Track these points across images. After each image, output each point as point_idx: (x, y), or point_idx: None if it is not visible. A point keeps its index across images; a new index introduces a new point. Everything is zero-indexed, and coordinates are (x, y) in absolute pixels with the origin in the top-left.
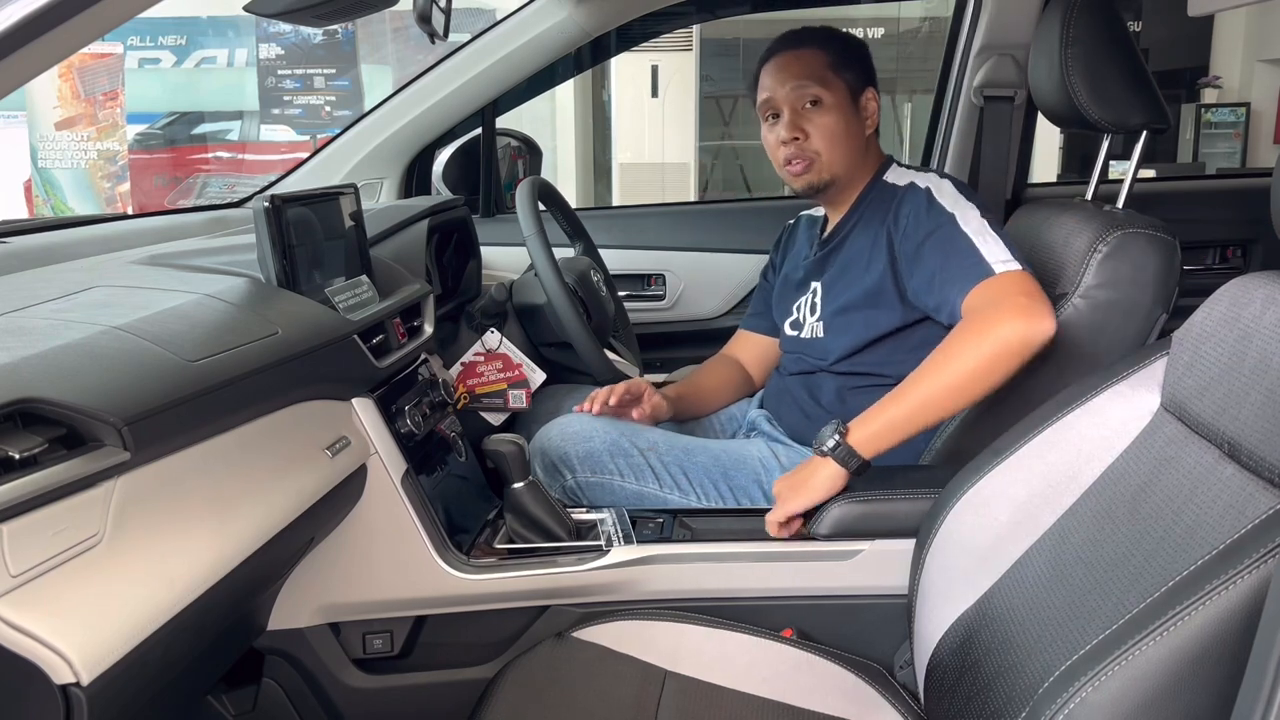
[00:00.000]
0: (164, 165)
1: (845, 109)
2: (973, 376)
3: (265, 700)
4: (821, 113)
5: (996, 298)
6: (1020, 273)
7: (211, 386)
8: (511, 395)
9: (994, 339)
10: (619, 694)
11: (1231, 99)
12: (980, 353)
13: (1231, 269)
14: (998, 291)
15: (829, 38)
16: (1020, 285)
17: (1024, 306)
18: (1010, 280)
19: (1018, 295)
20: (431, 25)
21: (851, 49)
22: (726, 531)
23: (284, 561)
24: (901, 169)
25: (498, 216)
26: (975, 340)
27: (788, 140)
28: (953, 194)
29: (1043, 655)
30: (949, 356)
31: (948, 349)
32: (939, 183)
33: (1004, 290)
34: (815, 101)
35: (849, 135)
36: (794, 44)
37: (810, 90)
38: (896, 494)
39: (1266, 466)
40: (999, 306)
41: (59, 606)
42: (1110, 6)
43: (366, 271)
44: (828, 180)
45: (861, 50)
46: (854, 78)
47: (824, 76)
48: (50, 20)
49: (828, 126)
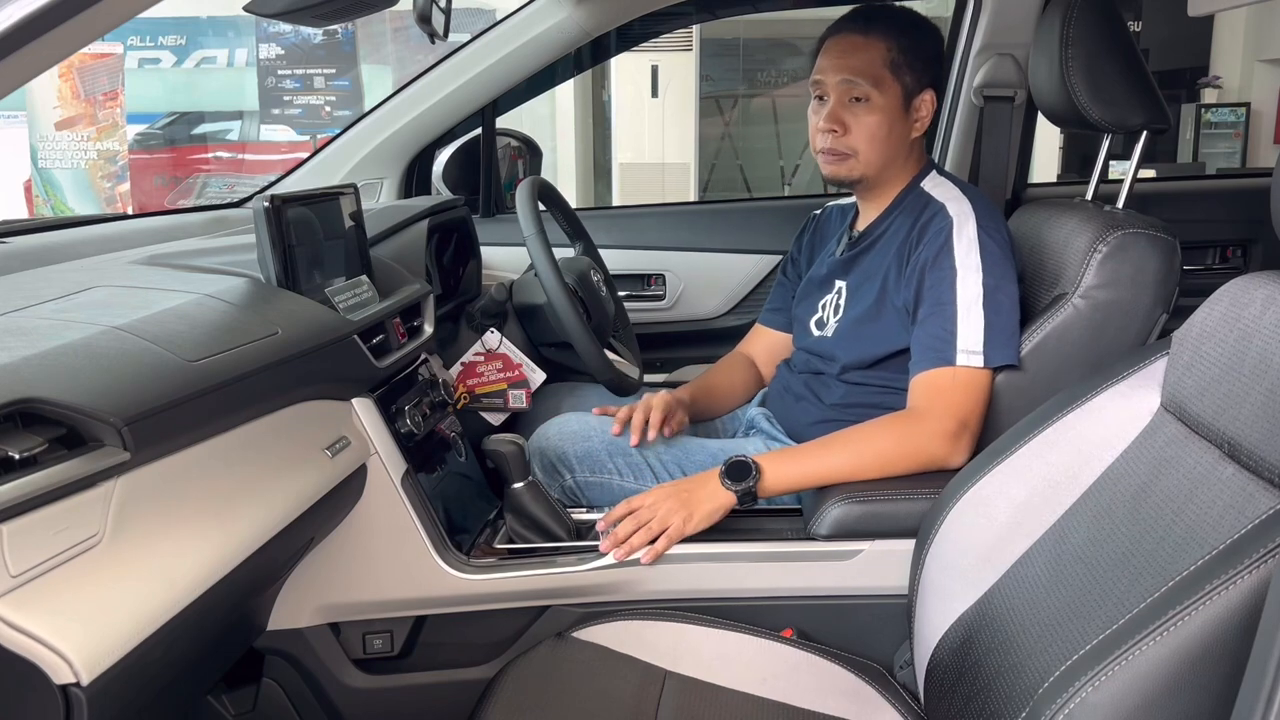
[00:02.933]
0: (164, 165)
1: (894, 111)
2: (884, 469)
3: (265, 700)
4: (867, 111)
5: (936, 405)
6: (973, 374)
7: (211, 386)
8: (511, 395)
9: (916, 453)
10: (619, 694)
11: (1231, 99)
12: (902, 457)
13: (1231, 269)
14: (943, 395)
15: (900, 28)
16: (964, 396)
17: (952, 435)
18: (961, 383)
19: (954, 414)
20: (431, 25)
21: (921, 44)
22: (726, 531)
23: (284, 561)
24: (941, 179)
25: (498, 216)
26: (902, 446)
27: (825, 130)
28: (970, 241)
29: (1043, 655)
30: (874, 445)
31: (875, 438)
32: (965, 218)
33: (949, 398)
34: (863, 98)
35: (891, 138)
36: (861, 27)
37: (859, 87)
38: (896, 494)
39: (1266, 466)
40: (933, 421)
41: (59, 606)
42: (1110, 6)
43: (366, 271)
44: (858, 178)
45: (932, 47)
46: (913, 79)
47: (879, 75)
48: (50, 20)
49: (870, 126)
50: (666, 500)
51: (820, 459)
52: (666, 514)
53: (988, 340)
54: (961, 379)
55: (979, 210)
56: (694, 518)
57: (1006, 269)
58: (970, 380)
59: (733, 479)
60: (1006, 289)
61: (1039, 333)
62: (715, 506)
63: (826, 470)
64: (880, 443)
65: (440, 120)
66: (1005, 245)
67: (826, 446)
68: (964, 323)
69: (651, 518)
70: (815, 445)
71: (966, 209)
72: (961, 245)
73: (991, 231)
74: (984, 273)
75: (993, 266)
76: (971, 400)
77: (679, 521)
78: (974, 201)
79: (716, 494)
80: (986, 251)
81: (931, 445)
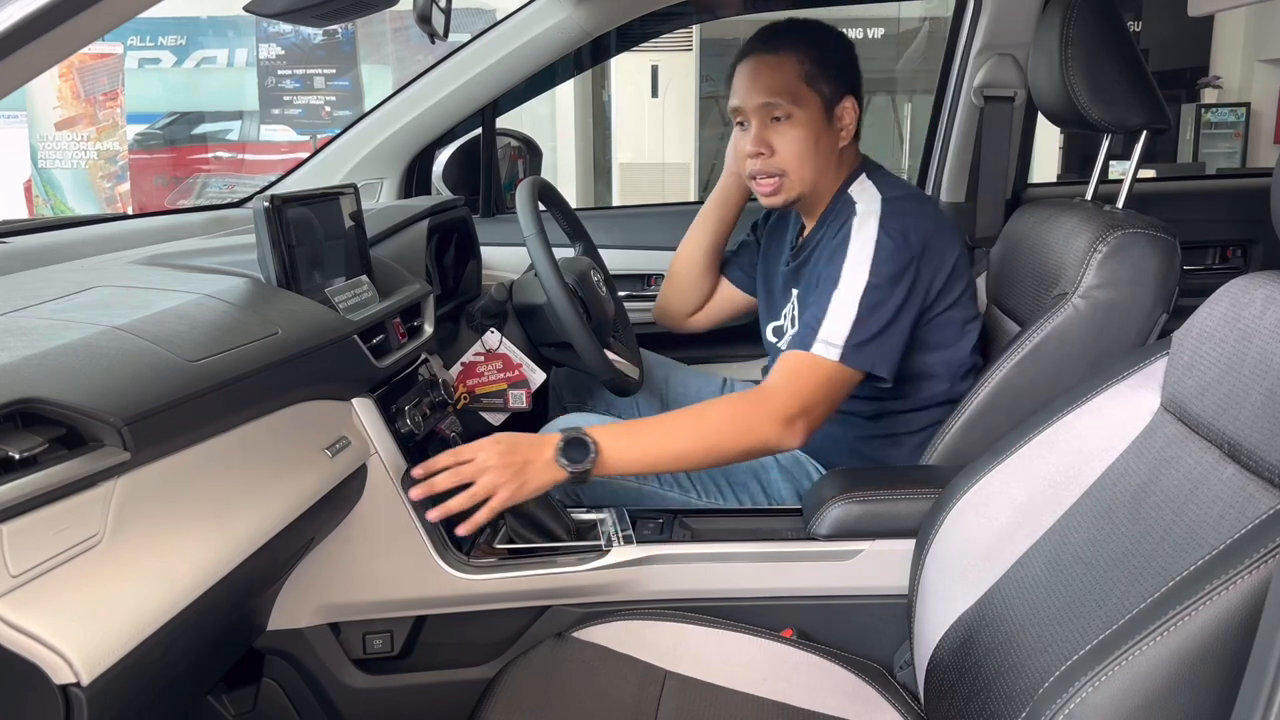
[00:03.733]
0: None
1: (816, 124)
2: (720, 449)
3: (265, 700)
4: (790, 127)
5: (782, 387)
6: (827, 366)
7: (211, 386)
8: (511, 395)
9: (750, 434)
10: (619, 694)
11: (1231, 99)
12: (737, 438)
13: (1231, 269)
14: (792, 379)
15: (809, 42)
16: (810, 384)
17: (786, 420)
18: (811, 371)
19: (797, 400)
20: (431, 25)
21: (832, 54)
22: (726, 531)
23: (284, 561)
24: (867, 182)
25: (498, 216)
26: (738, 426)
27: (753, 154)
28: (867, 238)
29: (1043, 655)
30: (713, 424)
31: (715, 417)
32: (870, 215)
33: (796, 383)
34: (784, 117)
35: (818, 151)
36: (769, 47)
37: (779, 107)
38: (896, 494)
39: (1266, 467)
40: (774, 402)
41: (59, 606)
42: (1110, 6)
43: (366, 271)
44: (795, 199)
45: (844, 54)
46: (831, 89)
47: (795, 91)
48: (50, 20)
49: (795, 143)
50: (498, 464)
51: (659, 439)
52: (494, 481)
53: (851, 337)
54: (811, 367)
55: (887, 210)
56: (522, 491)
57: (896, 273)
58: (821, 371)
59: (569, 457)
60: (889, 291)
61: (1039, 333)
62: (546, 482)
63: (666, 450)
64: (718, 421)
65: (440, 120)
66: (904, 250)
67: (666, 424)
68: (833, 314)
69: (475, 479)
70: (656, 422)
71: (874, 208)
72: (858, 241)
73: (892, 232)
74: (870, 272)
75: (880, 267)
76: (818, 391)
77: (506, 494)
78: (889, 201)
79: (549, 468)
80: (880, 250)
81: (765, 427)
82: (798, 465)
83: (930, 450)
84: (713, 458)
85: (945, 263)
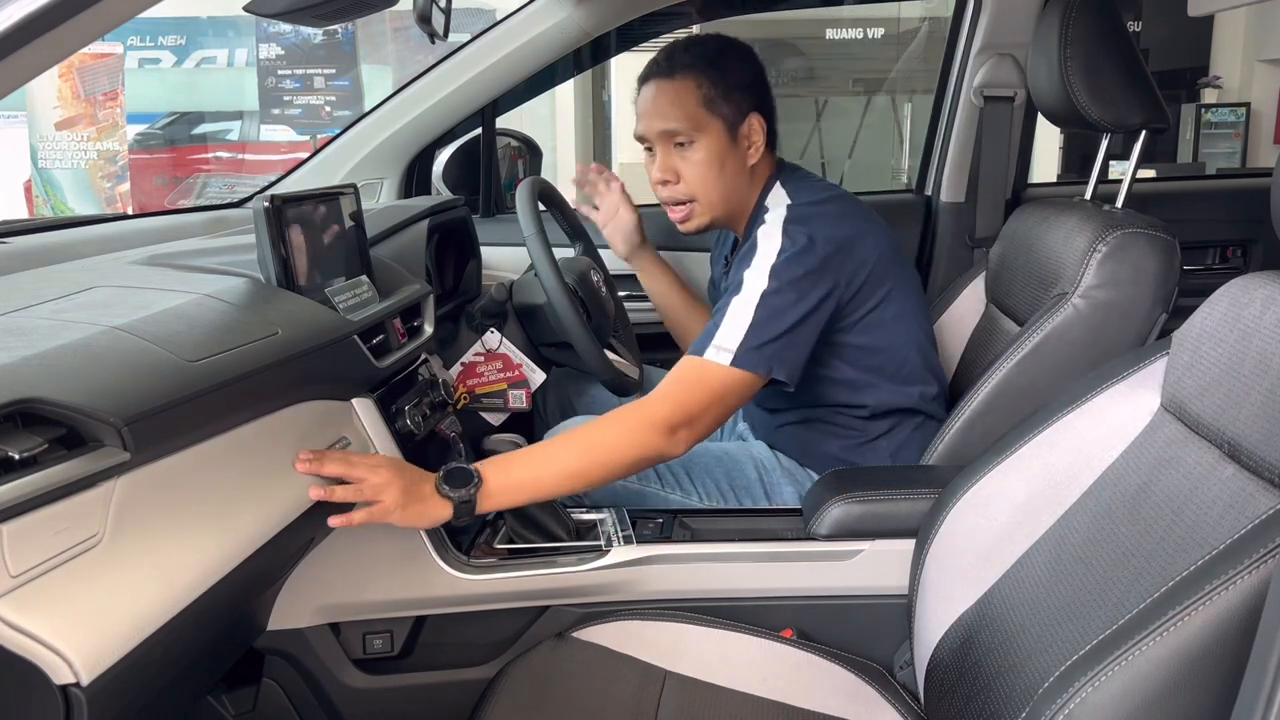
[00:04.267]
0: (164, 165)
1: (720, 146)
2: (608, 464)
3: (265, 700)
4: (693, 153)
5: (669, 393)
6: (717, 371)
7: (211, 386)
8: (511, 395)
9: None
10: (619, 694)
11: (1231, 99)
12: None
13: (1231, 269)
14: (680, 385)
15: (708, 61)
16: (697, 391)
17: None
18: (700, 376)
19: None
20: (431, 25)
21: (733, 73)
22: (726, 531)
23: (284, 561)
24: (778, 191)
25: (498, 216)
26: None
27: (659, 181)
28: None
29: (1043, 655)
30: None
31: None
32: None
33: (683, 389)
34: (687, 142)
35: (725, 173)
36: (666, 72)
37: (679, 135)
38: (896, 494)
39: (1266, 467)
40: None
41: (59, 607)
42: (1110, 6)
43: (366, 271)
44: (708, 223)
45: (746, 72)
46: (732, 110)
47: (695, 116)
48: (50, 20)
49: (700, 168)
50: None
51: (546, 460)
52: (383, 486)
53: (745, 341)
54: (702, 372)
55: (792, 215)
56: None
57: (799, 276)
58: (710, 376)
59: (450, 484)
60: (791, 295)
61: (1039, 333)
62: (426, 509)
63: (553, 470)
64: (603, 436)
65: (440, 120)
66: (809, 253)
67: (554, 445)
68: (730, 319)
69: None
70: (545, 444)
71: (780, 214)
72: (762, 247)
73: (795, 236)
74: (770, 276)
75: (780, 271)
76: (705, 397)
77: (389, 503)
78: (795, 207)
79: (431, 497)
80: (782, 254)
81: (647, 436)
82: (800, 468)
83: (930, 450)
84: (605, 472)
85: (864, 263)
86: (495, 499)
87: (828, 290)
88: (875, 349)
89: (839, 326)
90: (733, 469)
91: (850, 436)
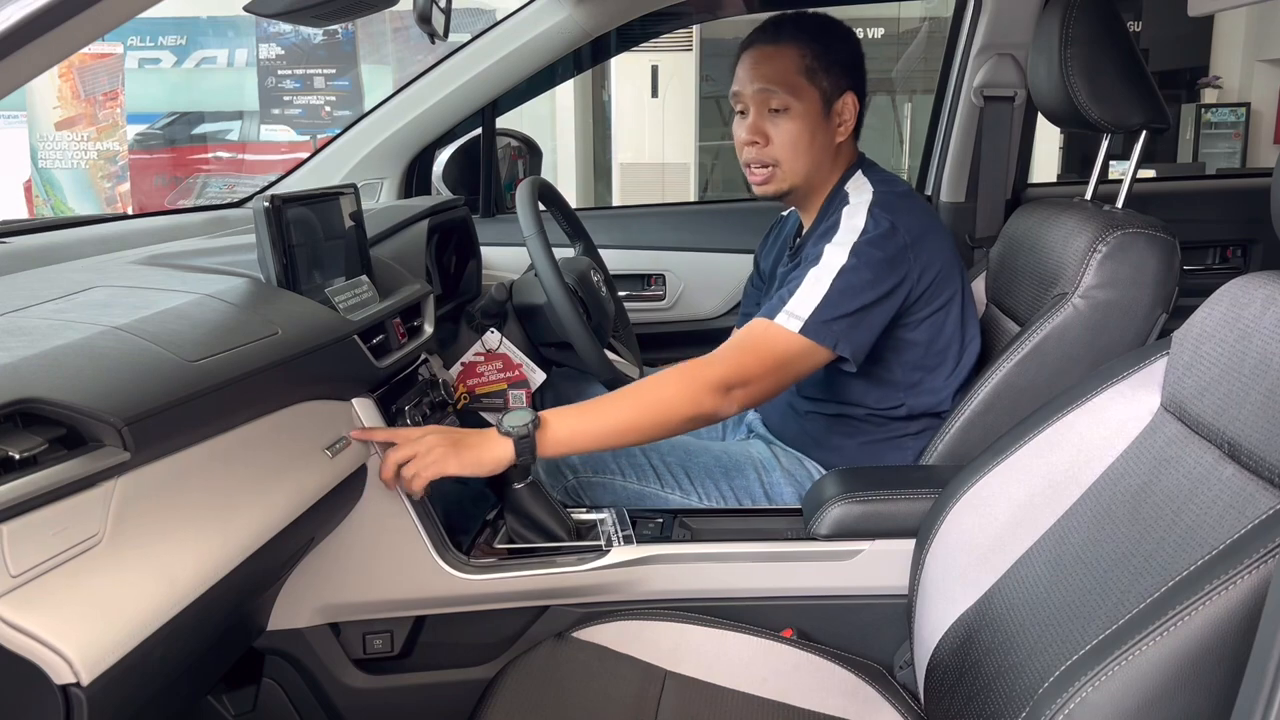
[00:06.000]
0: (164, 165)
1: (813, 117)
2: (663, 417)
3: (265, 700)
4: (787, 119)
5: (729, 354)
6: (784, 336)
7: (211, 386)
8: (511, 395)
9: (691, 406)
10: (619, 694)
11: (1231, 99)
12: (677, 405)
13: (1231, 269)
14: (743, 347)
15: (812, 35)
16: (760, 354)
17: (723, 388)
18: (766, 339)
19: (741, 368)
20: (431, 25)
21: (835, 49)
22: (726, 531)
23: (284, 561)
24: (863, 178)
25: (498, 216)
26: (679, 397)
27: (748, 142)
28: (855, 225)
29: (1043, 655)
30: (653, 399)
31: (659, 385)
32: (860, 206)
33: (745, 351)
34: (782, 108)
35: (814, 145)
36: (772, 38)
37: (776, 97)
38: (896, 494)
39: (1266, 467)
40: (716, 369)
41: (59, 607)
42: (1110, 6)
43: (366, 271)
44: (786, 190)
45: (847, 50)
46: (831, 83)
47: (794, 83)
48: (50, 20)
49: (791, 134)
50: (436, 433)
51: (602, 411)
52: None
53: (817, 312)
54: (768, 335)
55: (879, 199)
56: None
57: (879, 259)
58: (776, 341)
59: (510, 424)
60: (868, 275)
61: (1039, 333)
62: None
63: (608, 421)
64: (657, 390)
65: (440, 120)
66: (891, 239)
67: (612, 398)
68: (805, 288)
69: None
70: (603, 398)
71: (865, 198)
72: (846, 226)
73: (880, 220)
74: (851, 253)
75: (862, 250)
76: (767, 360)
77: (441, 453)
78: (882, 193)
79: (487, 440)
80: (865, 234)
81: (700, 394)
82: (800, 467)
83: (930, 450)
84: (659, 427)
85: (934, 262)
86: (555, 443)
87: (901, 278)
88: (934, 348)
89: (904, 321)
90: (732, 469)
91: (875, 435)
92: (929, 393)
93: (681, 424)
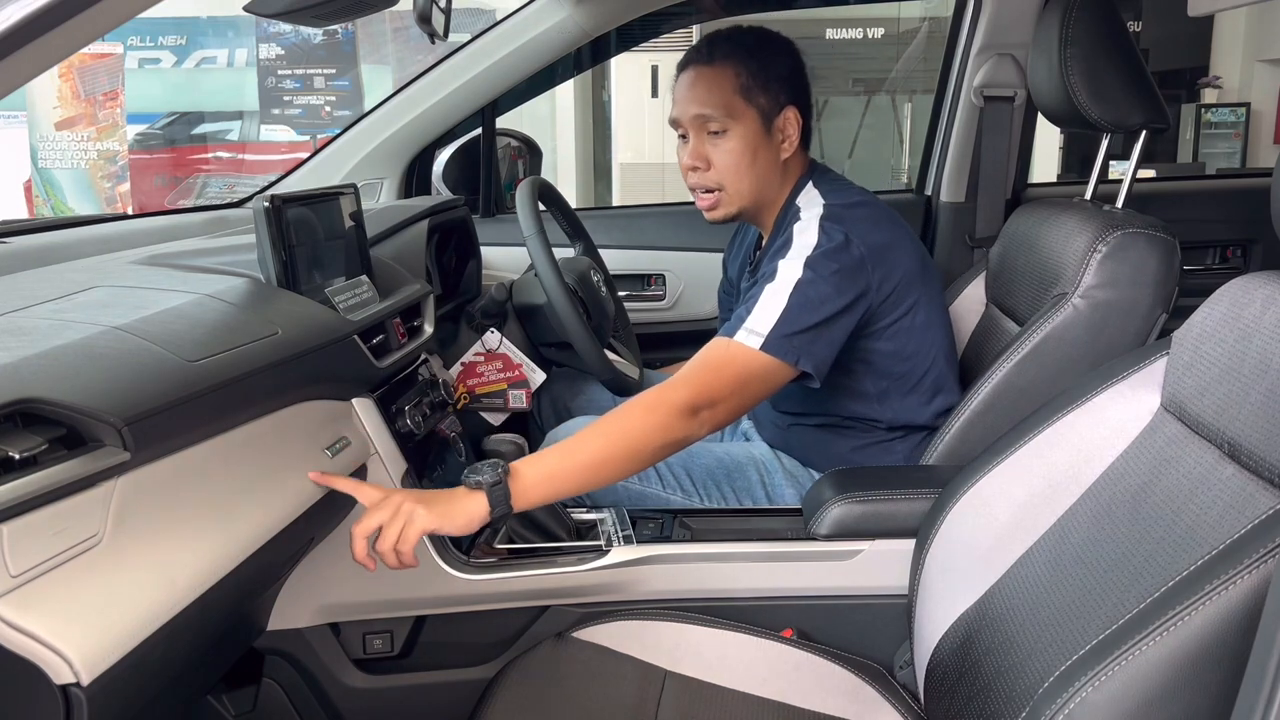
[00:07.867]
0: (164, 165)
1: (754, 137)
2: (640, 457)
3: (265, 700)
4: (726, 141)
5: (692, 376)
6: (745, 354)
7: (211, 386)
8: (511, 395)
9: (662, 434)
10: (619, 694)
11: (1231, 99)
12: (649, 440)
13: (1231, 269)
14: (705, 368)
15: (749, 51)
16: (723, 373)
17: (690, 410)
18: (727, 359)
19: (705, 390)
20: (431, 25)
21: (773, 65)
22: (726, 531)
23: (284, 561)
24: (812, 193)
25: (498, 216)
26: (648, 426)
27: (690, 167)
28: (809, 238)
29: (1043, 655)
30: (622, 431)
31: (626, 422)
32: (812, 219)
33: (707, 372)
34: (720, 131)
35: (756, 164)
36: (706, 59)
37: (714, 120)
38: (896, 494)
39: (1266, 467)
40: (681, 392)
41: (59, 607)
42: (1110, 6)
43: (366, 271)
44: (735, 213)
45: (786, 63)
46: (769, 100)
47: (730, 104)
48: (50, 20)
49: (732, 157)
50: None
51: (572, 450)
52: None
53: (776, 327)
54: (729, 354)
55: (828, 214)
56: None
57: (834, 272)
58: (736, 359)
59: (477, 476)
60: (825, 289)
61: (1039, 333)
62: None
63: (580, 458)
64: (626, 422)
65: (440, 120)
66: (845, 252)
67: (581, 435)
68: (763, 304)
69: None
70: (573, 437)
71: (816, 212)
72: (799, 242)
73: (833, 234)
74: (805, 266)
75: (817, 264)
76: (729, 379)
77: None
78: (832, 206)
79: (458, 495)
80: (819, 248)
81: (670, 420)
82: (801, 469)
83: (930, 450)
84: (631, 459)
85: (894, 270)
86: (532, 488)
87: (860, 292)
88: (901, 356)
89: (868, 332)
90: (734, 470)
91: (864, 439)
92: (907, 406)
93: (654, 453)
